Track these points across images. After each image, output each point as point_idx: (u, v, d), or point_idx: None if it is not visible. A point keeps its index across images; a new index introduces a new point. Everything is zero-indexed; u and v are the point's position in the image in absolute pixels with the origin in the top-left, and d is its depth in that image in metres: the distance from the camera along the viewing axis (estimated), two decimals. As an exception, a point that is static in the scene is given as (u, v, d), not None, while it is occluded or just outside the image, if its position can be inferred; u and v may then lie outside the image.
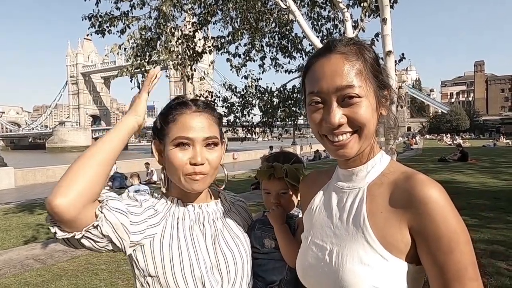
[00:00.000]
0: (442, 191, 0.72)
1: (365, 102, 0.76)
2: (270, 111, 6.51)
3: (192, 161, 0.94)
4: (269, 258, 1.09)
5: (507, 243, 4.69)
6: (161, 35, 5.47)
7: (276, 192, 1.14)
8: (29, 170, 20.04)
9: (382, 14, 3.32)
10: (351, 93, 0.75)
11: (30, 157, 55.53)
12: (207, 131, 0.96)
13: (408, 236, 0.73)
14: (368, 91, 0.77)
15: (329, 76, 0.76)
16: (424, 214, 0.70)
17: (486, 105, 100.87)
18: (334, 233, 0.82)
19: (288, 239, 1.07)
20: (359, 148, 0.79)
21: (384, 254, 0.73)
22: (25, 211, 8.95)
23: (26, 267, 4.66)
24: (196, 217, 1.01)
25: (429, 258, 0.71)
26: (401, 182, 0.76)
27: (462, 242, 0.70)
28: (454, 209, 0.71)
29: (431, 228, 0.70)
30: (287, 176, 1.09)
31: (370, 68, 0.78)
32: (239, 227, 1.09)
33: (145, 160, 21.27)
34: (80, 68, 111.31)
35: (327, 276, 0.78)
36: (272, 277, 1.08)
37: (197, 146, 0.95)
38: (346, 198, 0.84)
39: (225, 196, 1.14)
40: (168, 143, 0.95)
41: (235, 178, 14.26)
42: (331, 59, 0.78)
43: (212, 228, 1.02)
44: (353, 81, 0.75)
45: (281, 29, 6.48)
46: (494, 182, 10.18)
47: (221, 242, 1.01)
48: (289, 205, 1.15)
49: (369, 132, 0.78)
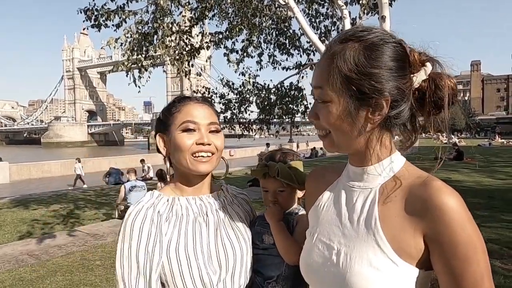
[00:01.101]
0: (459, 199, 0.70)
1: (332, 107, 0.74)
2: (267, 108, 6.49)
3: (199, 141, 0.99)
4: (268, 254, 1.09)
5: (502, 241, 4.73)
6: (158, 29, 5.42)
7: (274, 190, 1.14)
8: (24, 165, 19.91)
9: (381, 12, 3.31)
10: (317, 95, 0.77)
11: (25, 152, 55.17)
12: (210, 117, 1.03)
13: (421, 243, 0.71)
14: (337, 97, 0.73)
15: (314, 74, 0.79)
16: (442, 222, 0.68)
17: (482, 104, 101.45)
18: (343, 232, 0.80)
19: (284, 237, 1.07)
20: (338, 148, 0.79)
21: (395, 259, 0.71)
22: (20, 206, 8.89)
23: (21, 263, 4.63)
24: (199, 209, 1.04)
25: (444, 267, 0.69)
26: (417, 187, 0.73)
27: (479, 251, 0.68)
28: (471, 217, 0.70)
29: (448, 235, 0.68)
30: (278, 175, 1.09)
31: (347, 74, 0.72)
32: (240, 219, 1.11)
33: (141, 156, 21.22)
34: (76, 63, 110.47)
35: (334, 276, 0.76)
36: (270, 272, 1.08)
37: (202, 129, 1.01)
38: (356, 197, 0.81)
39: (227, 189, 1.17)
40: (174, 130, 1.00)
41: (232, 175, 14.26)
42: (322, 58, 0.79)
43: (215, 218, 1.05)
44: (321, 83, 0.75)
45: (279, 25, 6.45)
46: (489, 181, 10.26)
47: (222, 232, 1.03)
48: (286, 203, 1.15)
49: (339, 136, 0.76)
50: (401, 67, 0.73)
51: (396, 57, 0.73)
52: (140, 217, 0.93)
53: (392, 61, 0.72)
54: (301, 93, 6.50)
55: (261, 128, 6.94)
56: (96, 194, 11.14)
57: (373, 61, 0.71)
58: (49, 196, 10.77)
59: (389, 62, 0.72)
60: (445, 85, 0.73)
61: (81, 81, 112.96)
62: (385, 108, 0.72)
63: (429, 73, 0.74)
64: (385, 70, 0.71)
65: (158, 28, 5.44)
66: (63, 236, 5.91)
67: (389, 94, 0.71)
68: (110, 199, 9.72)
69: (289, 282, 1.07)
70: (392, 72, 0.72)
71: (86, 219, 7.41)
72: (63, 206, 8.88)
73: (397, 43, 0.74)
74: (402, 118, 0.75)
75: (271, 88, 6.57)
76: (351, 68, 0.71)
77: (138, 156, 22.78)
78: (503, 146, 32.10)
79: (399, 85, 0.72)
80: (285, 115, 6.63)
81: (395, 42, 0.74)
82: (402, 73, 0.73)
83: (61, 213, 8.00)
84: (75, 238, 5.79)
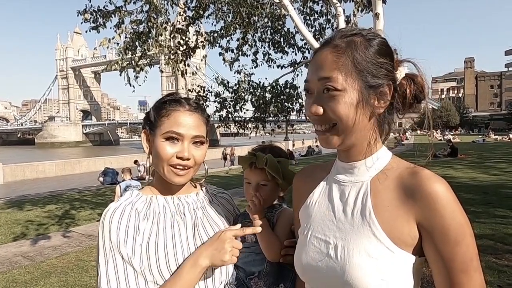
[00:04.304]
0: (447, 186, 0.74)
1: (344, 97, 0.75)
2: (263, 107, 6.48)
3: (179, 155, 0.99)
4: (250, 252, 1.11)
5: (496, 237, 4.77)
6: (152, 28, 5.39)
7: (257, 182, 1.13)
8: (18, 165, 19.75)
9: (374, 9, 3.30)
10: (327, 85, 0.76)
11: (19, 152, 54.70)
12: (197, 130, 1.02)
13: (415, 230, 0.75)
14: (350, 85, 0.75)
15: (315, 67, 0.79)
16: (432, 209, 0.72)
17: (475, 101, 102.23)
18: (337, 227, 0.82)
19: (267, 234, 1.07)
20: (342, 141, 0.79)
21: (391, 247, 0.74)
22: (14, 207, 8.81)
23: (15, 264, 4.59)
24: (176, 208, 1.06)
25: (436, 251, 0.73)
26: (406, 177, 0.78)
27: (468, 235, 0.73)
28: (458, 203, 0.74)
29: (439, 221, 0.72)
30: (267, 164, 1.09)
31: (359, 63, 0.76)
32: (220, 217, 1.12)
33: (136, 156, 21.12)
34: (70, 62, 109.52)
35: (333, 270, 0.78)
36: (252, 268, 1.10)
37: (186, 142, 1.00)
38: (348, 192, 0.84)
39: (207, 189, 1.19)
40: (159, 135, 1.00)
41: (229, 174, 14.25)
42: (323, 51, 0.79)
43: (193, 217, 1.07)
44: (331, 73, 0.76)
45: (274, 24, 6.44)
46: (483, 177, 10.35)
47: (201, 229, 1.05)
48: (268, 197, 1.14)
49: (347, 127, 0.77)
50: (393, 62, 0.81)
51: (390, 52, 0.81)
52: (118, 211, 0.97)
53: (390, 55, 0.80)
54: (296, 91, 6.51)
55: (256, 127, 6.93)
56: (92, 194, 11.08)
57: (378, 52, 0.78)
58: (43, 196, 10.69)
59: (388, 55, 0.80)
60: (418, 83, 0.82)
61: (75, 80, 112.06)
62: (388, 95, 0.79)
63: (407, 71, 0.82)
64: (388, 60, 0.79)
65: (152, 27, 5.40)
66: (57, 237, 5.86)
67: (391, 82, 0.79)
68: (106, 199, 9.68)
69: (270, 278, 1.09)
70: (391, 64, 0.80)
71: (81, 219, 7.35)
72: (58, 206, 8.82)
73: (385, 41, 0.82)
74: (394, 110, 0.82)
75: (266, 86, 6.56)
76: (364, 57, 0.76)
77: (133, 156, 22.67)
78: (496, 142, 32.39)
79: (394, 76, 0.80)
80: (280, 113, 6.63)
81: (385, 40, 0.82)
82: (394, 67, 0.81)
83: (56, 214, 7.94)
84: (70, 239, 5.75)
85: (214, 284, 1.02)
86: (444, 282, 0.74)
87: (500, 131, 56.19)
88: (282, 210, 1.15)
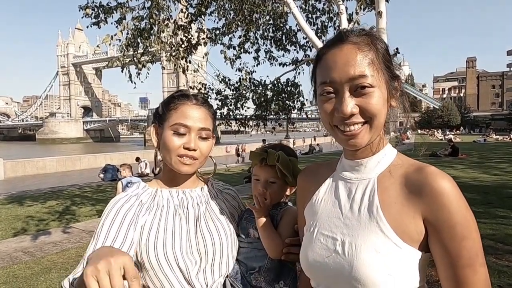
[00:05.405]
0: (453, 182, 0.75)
1: (377, 92, 0.77)
2: (264, 105, 6.47)
3: (186, 145, 1.02)
4: (252, 247, 1.12)
5: (496, 237, 4.76)
6: (154, 25, 5.37)
7: (265, 179, 1.14)
8: (19, 161, 19.76)
9: (377, 8, 3.29)
10: (363, 83, 0.75)
11: (20, 148, 54.79)
12: (203, 122, 1.06)
13: (422, 226, 0.75)
14: (380, 81, 0.77)
15: (341, 66, 0.77)
16: (439, 204, 0.73)
17: (477, 101, 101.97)
18: (345, 223, 0.82)
19: (269, 231, 1.08)
20: (370, 138, 0.80)
21: (399, 243, 0.75)
22: (15, 203, 8.83)
23: (15, 260, 4.60)
24: (180, 202, 1.08)
25: (443, 246, 0.74)
26: (412, 174, 0.79)
27: (473, 230, 0.74)
28: (464, 199, 0.75)
29: (446, 217, 0.73)
30: (278, 160, 1.09)
31: (382, 59, 0.78)
32: (223, 212, 1.14)
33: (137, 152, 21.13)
34: (71, 59, 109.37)
35: (341, 266, 0.78)
36: (253, 264, 1.11)
37: (192, 134, 1.04)
38: (355, 189, 0.84)
39: (212, 184, 1.21)
40: (167, 127, 1.04)
41: (230, 171, 14.25)
42: (343, 49, 0.78)
43: (196, 211, 1.09)
44: (365, 70, 0.75)
45: (276, 21, 6.42)
46: (484, 177, 10.33)
47: (202, 224, 1.07)
48: (275, 195, 1.15)
49: (380, 123, 0.79)
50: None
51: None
52: (122, 201, 1.02)
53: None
54: (297, 89, 6.49)
55: (257, 125, 6.92)
56: (92, 190, 11.09)
57: (387, 48, 0.81)
58: (44, 192, 10.71)
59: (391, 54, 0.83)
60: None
61: (76, 77, 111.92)
62: (398, 89, 0.82)
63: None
64: (394, 58, 0.83)
65: (154, 24, 5.39)
66: (58, 233, 5.87)
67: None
68: (106, 195, 9.68)
69: (271, 275, 1.09)
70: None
71: (81, 215, 7.36)
72: (58, 202, 8.83)
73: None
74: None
75: (268, 84, 6.55)
76: (386, 53, 0.80)
77: (134, 152, 22.70)
78: (497, 142, 32.34)
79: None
80: (281, 111, 6.62)
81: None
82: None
83: (56, 210, 7.95)
84: (70, 235, 5.76)
85: (213, 276, 1.04)
86: (450, 277, 0.74)
87: (501, 131, 56.12)
88: (286, 208, 1.15)
